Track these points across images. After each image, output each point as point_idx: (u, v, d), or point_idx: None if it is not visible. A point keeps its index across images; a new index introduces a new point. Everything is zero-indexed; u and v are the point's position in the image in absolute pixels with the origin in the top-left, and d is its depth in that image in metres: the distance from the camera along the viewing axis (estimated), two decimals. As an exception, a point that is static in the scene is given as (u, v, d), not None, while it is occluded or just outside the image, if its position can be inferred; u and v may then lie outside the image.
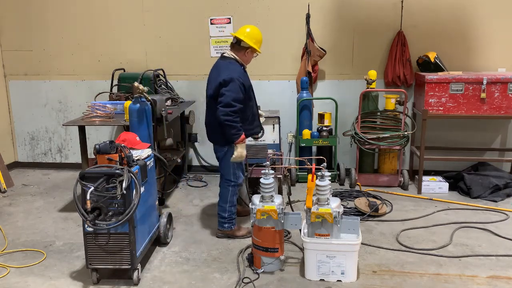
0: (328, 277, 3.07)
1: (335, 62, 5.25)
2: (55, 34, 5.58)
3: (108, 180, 2.86)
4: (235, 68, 3.52)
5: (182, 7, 5.31)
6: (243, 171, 3.80)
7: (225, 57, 3.62)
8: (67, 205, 4.63)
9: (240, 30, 3.58)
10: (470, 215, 4.18)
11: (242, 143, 3.49)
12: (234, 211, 3.77)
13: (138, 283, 3.09)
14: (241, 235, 3.78)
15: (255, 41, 3.55)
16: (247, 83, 3.55)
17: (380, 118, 4.95)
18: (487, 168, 4.94)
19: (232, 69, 3.50)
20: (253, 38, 3.54)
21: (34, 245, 3.71)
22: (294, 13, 5.16)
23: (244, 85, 3.47)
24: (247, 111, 3.59)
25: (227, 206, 3.71)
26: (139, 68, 5.41)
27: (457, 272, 3.17)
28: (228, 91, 3.38)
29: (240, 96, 3.41)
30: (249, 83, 3.61)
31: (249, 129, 3.64)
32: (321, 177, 3.06)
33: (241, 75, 3.49)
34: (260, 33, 3.61)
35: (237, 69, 3.53)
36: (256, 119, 3.75)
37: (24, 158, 6.02)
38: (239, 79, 3.42)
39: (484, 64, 5.03)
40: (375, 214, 4.13)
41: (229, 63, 3.56)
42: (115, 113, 4.45)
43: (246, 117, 3.58)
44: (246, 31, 3.55)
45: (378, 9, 5.05)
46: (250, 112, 3.64)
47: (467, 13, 4.94)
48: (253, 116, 3.70)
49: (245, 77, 3.55)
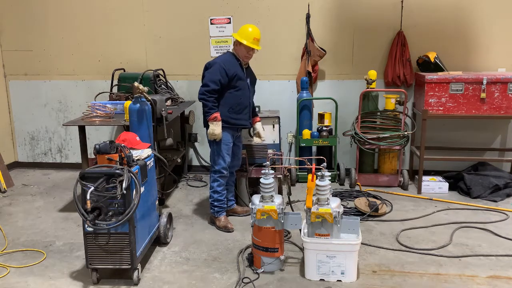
0: (328, 277, 3.08)
1: (335, 62, 5.25)
2: (55, 34, 5.59)
3: (108, 180, 2.86)
4: (224, 57, 3.83)
5: (182, 7, 5.32)
6: (225, 160, 3.87)
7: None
8: (67, 205, 4.63)
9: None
10: (470, 215, 4.18)
11: (214, 121, 3.70)
12: (217, 198, 3.94)
13: (138, 283, 3.09)
14: (217, 226, 3.97)
15: (243, 36, 3.73)
16: (234, 71, 3.74)
17: (380, 118, 4.95)
18: (487, 168, 4.94)
19: (220, 57, 3.85)
20: (242, 33, 3.75)
21: (34, 245, 3.71)
22: (294, 13, 5.16)
23: (226, 71, 3.70)
24: (231, 99, 3.79)
25: (210, 192, 3.98)
26: (139, 68, 5.42)
27: (457, 272, 3.17)
28: (208, 73, 3.72)
29: (216, 77, 3.66)
30: (238, 74, 3.78)
31: (233, 118, 3.83)
32: (321, 177, 3.06)
33: (227, 63, 3.74)
34: (252, 30, 3.75)
35: (226, 57, 3.81)
36: (245, 112, 3.91)
37: (24, 158, 6.02)
38: (221, 64, 3.70)
39: (484, 64, 5.03)
40: (375, 214, 4.13)
41: (222, 54, 3.93)
42: (115, 113, 4.45)
43: (228, 104, 3.79)
44: (240, 29, 3.82)
45: (378, 9, 5.05)
46: (236, 101, 3.81)
47: (467, 13, 4.94)
48: (241, 107, 3.85)
49: (233, 66, 3.76)
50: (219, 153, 3.85)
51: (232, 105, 3.80)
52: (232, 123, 3.83)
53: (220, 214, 3.98)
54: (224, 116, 3.77)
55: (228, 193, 4.18)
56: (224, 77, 3.69)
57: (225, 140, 3.83)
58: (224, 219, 3.97)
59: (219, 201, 3.95)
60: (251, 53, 3.81)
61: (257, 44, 3.78)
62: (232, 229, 3.90)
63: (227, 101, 3.78)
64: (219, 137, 3.75)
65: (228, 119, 3.80)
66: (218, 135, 3.73)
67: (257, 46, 3.78)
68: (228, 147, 3.88)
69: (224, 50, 5.35)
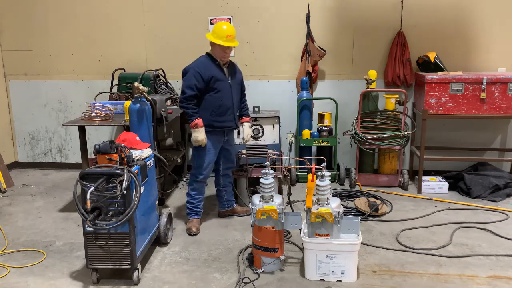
0: (328, 277, 3.07)
1: (335, 62, 5.25)
2: (55, 34, 5.59)
3: (108, 180, 2.86)
4: (198, 60, 3.75)
5: (182, 7, 5.32)
6: (202, 167, 3.82)
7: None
8: (67, 205, 4.63)
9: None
10: (470, 215, 4.18)
11: (196, 128, 3.65)
12: (188, 201, 3.95)
13: (138, 283, 3.09)
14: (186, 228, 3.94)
15: (216, 35, 3.63)
16: (209, 74, 3.66)
17: (380, 118, 4.95)
18: (487, 168, 4.94)
19: (195, 61, 3.76)
20: (215, 33, 3.65)
21: (34, 245, 3.71)
22: (294, 13, 5.16)
23: (201, 75, 3.63)
24: (212, 102, 3.71)
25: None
26: (139, 68, 5.42)
27: (457, 272, 3.17)
28: (184, 80, 3.68)
29: (191, 82, 3.61)
30: (215, 75, 3.68)
31: (217, 121, 3.76)
32: (321, 177, 3.06)
33: (202, 66, 3.67)
34: (226, 27, 3.64)
35: (200, 60, 3.74)
36: (229, 113, 3.81)
37: (24, 158, 6.02)
38: (195, 68, 3.64)
39: (484, 64, 5.03)
40: (375, 214, 4.13)
41: (199, 57, 3.80)
42: (115, 113, 4.44)
43: (210, 107, 3.72)
44: (212, 28, 3.74)
45: (378, 9, 5.05)
46: (217, 104, 3.73)
47: (467, 13, 4.94)
48: (223, 109, 3.76)
49: (208, 69, 3.67)
50: (199, 160, 3.82)
51: (213, 108, 3.72)
52: (216, 126, 3.77)
53: (191, 216, 3.96)
54: (207, 120, 3.71)
55: (228, 194, 4.17)
56: (199, 82, 3.62)
57: (208, 149, 3.78)
58: (192, 222, 3.94)
59: (191, 204, 3.94)
60: (227, 51, 3.69)
61: (232, 41, 3.66)
62: (195, 233, 3.84)
63: (208, 105, 3.71)
64: (203, 143, 3.70)
65: (212, 122, 3.73)
66: (202, 141, 3.68)
67: (232, 43, 3.65)
68: (210, 155, 3.82)
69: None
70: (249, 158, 4.52)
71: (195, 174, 3.87)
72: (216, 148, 3.87)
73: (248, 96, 4.28)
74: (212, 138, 3.79)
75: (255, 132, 4.63)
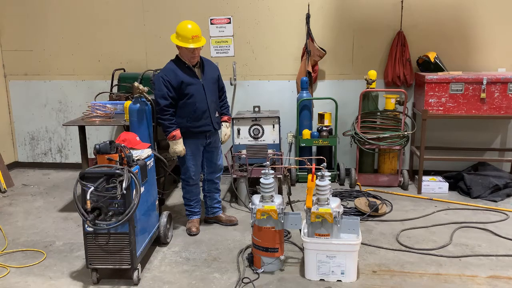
0: (328, 277, 3.07)
1: (335, 62, 5.25)
2: (55, 34, 5.59)
3: (108, 180, 2.86)
4: (165, 67, 3.63)
5: (182, 7, 5.32)
6: (189, 170, 3.79)
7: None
8: (67, 205, 4.63)
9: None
10: (470, 215, 4.18)
11: (174, 140, 3.58)
12: (185, 203, 3.98)
13: (138, 283, 3.09)
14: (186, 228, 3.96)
15: (180, 38, 3.48)
16: (178, 80, 3.53)
17: (380, 118, 4.95)
18: (487, 168, 4.94)
19: (162, 69, 3.66)
20: (179, 35, 3.50)
21: (34, 245, 3.72)
22: (294, 13, 5.16)
23: (170, 83, 3.52)
24: (186, 108, 3.62)
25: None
26: (139, 68, 5.42)
27: (457, 272, 3.17)
28: (155, 91, 3.58)
29: (162, 92, 3.51)
30: (185, 80, 3.55)
31: (194, 126, 3.66)
32: (321, 177, 3.06)
33: (169, 73, 3.55)
34: (191, 26, 3.48)
35: (167, 67, 3.61)
36: (205, 116, 3.68)
37: (24, 158, 6.02)
38: (163, 77, 3.53)
39: (484, 64, 5.03)
40: (375, 214, 4.13)
41: (166, 64, 3.66)
42: (115, 113, 4.44)
43: (185, 114, 3.63)
44: (176, 29, 3.53)
45: (378, 9, 5.05)
46: (191, 109, 3.62)
47: (467, 13, 4.94)
48: (198, 113, 3.64)
49: (176, 75, 3.54)
50: (184, 164, 3.79)
51: (189, 114, 3.62)
52: (195, 132, 3.68)
53: (190, 217, 3.98)
54: (185, 127, 3.64)
55: (212, 200, 4.07)
56: (170, 90, 3.52)
57: (188, 157, 3.74)
58: (191, 222, 3.95)
59: (188, 206, 3.97)
60: (195, 52, 3.53)
61: (198, 40, 3.50)
62: (195, 233, 3.85)
63: (182, 112, 3.62)
64: (181, 154, 3.65)
65: (190, 128, 3.65)
66: (180, 152, 3.63)
67: (198, 43, 3.49)
68: (194, 158, 3.78)
69: (225, 50, 5.36)
70: (249, 158, 4.52)
71: (185, 179, 3.86)
72: (197, 154, 3.80)
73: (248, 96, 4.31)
74: (191, 145, 3.72)
75: (255, 132, 4.63)
